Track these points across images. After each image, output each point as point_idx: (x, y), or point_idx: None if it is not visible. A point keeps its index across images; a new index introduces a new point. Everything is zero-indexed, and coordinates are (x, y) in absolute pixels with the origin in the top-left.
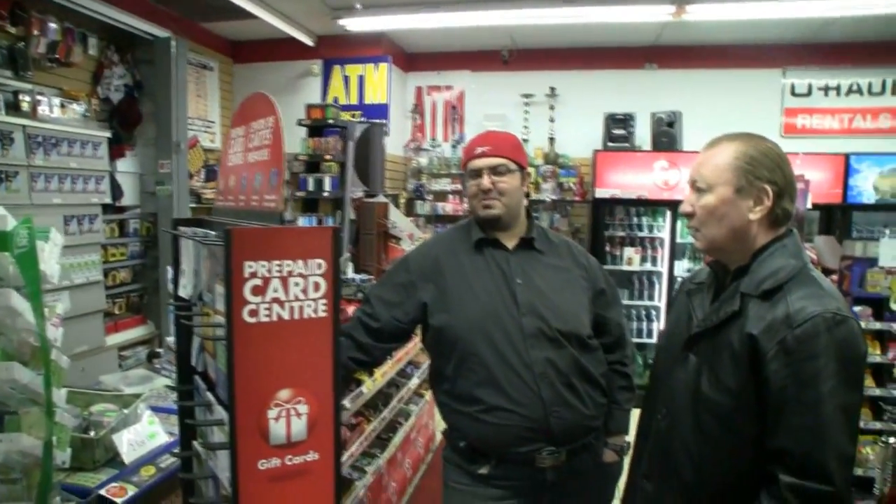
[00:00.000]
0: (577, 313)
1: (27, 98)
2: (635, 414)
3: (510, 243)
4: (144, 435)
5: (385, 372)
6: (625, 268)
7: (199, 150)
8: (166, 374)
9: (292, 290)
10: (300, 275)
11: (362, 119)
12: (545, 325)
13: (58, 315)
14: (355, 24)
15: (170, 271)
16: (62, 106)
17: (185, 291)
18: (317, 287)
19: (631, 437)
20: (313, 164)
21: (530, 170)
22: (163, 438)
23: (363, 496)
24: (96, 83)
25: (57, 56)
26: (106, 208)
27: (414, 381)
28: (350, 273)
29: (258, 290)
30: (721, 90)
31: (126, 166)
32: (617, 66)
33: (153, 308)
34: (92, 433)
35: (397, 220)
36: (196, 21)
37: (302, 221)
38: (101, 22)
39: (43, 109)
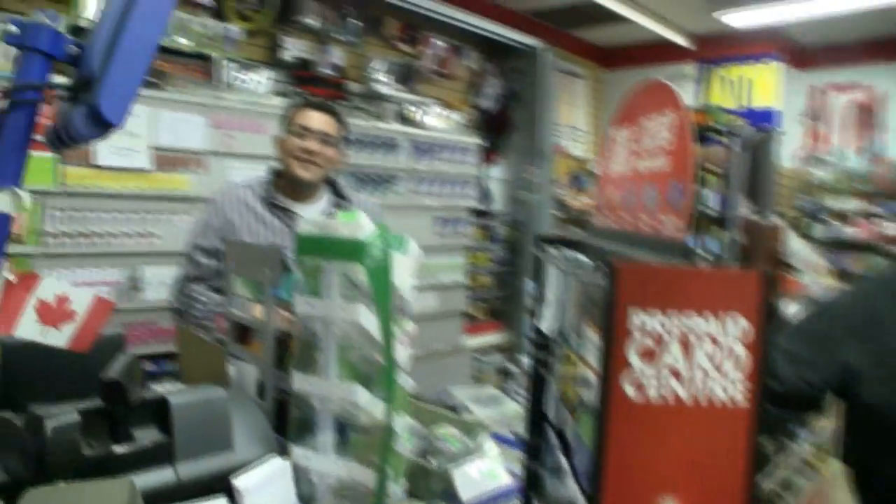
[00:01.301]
0: None
1: (413, 108)
2: None
3: None
4: (484, 472)
5: None
6: None
7: (565, 157)
8: (516, 398)
9: (698, 358)
10: (710, 337)
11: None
12: None
13: (406, 333)
14: (740, 18)
15: (529, 284)
16: (442, 115)
17: (545, 324)
18: (734, 358)
19: None
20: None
21: None
22: (503, 480)
23: None
24: (473, 93)
25: (440, 70)
26: (476, 213)
27: (804, 448)
28: None
29: (649, 354)
30: None
31: (496, 173)
32: None
33: (512, 315)
34: (433, 462)
35: (796, 246)
36: (567, 30)
37: None
38: (480, 36)
39: (425, 119)
